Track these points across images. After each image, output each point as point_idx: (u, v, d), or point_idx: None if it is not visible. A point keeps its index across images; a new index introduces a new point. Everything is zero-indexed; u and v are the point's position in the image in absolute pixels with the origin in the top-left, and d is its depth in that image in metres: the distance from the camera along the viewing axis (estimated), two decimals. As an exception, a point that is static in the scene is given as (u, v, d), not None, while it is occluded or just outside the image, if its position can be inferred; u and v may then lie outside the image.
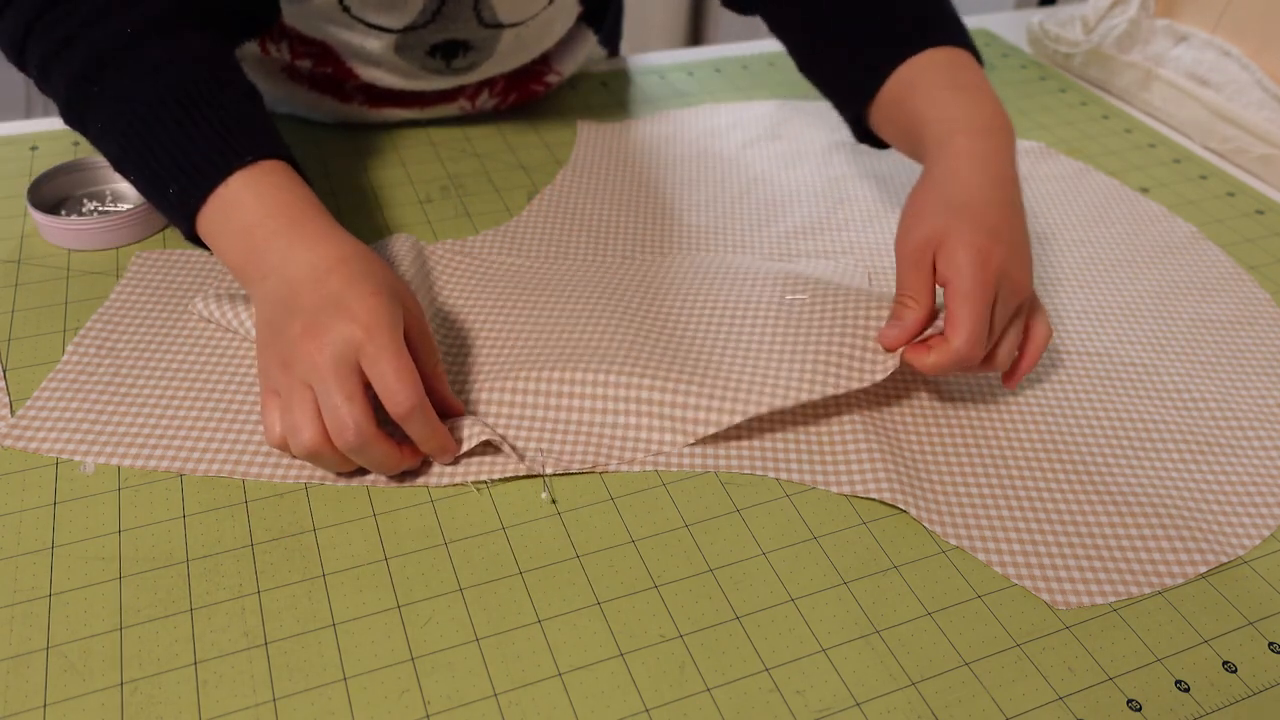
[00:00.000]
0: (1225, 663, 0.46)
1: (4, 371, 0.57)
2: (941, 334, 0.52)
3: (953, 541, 0.50)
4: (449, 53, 0.74)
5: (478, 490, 0.51)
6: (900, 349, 0.54)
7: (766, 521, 0.51)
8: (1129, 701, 0.44)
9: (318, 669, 0.43)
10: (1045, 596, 0.48)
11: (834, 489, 0.52)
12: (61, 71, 0.55)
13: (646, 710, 0.42)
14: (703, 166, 0.79)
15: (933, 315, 0.53)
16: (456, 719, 0.42)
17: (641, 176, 0.77)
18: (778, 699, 0.43)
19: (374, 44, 0.72)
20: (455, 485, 0.51)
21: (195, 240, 0.55)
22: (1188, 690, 0.44)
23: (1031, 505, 0.52)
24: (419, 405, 0.48)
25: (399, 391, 0.47)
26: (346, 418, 0.47)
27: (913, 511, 0.51)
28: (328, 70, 0.76)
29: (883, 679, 0.44)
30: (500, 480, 0.52)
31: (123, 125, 0.54)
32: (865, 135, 0.68)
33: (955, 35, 0.62)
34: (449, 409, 0.52)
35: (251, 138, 0.54)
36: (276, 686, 0.42)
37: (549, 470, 0.52)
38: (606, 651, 0.44)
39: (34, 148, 0.76)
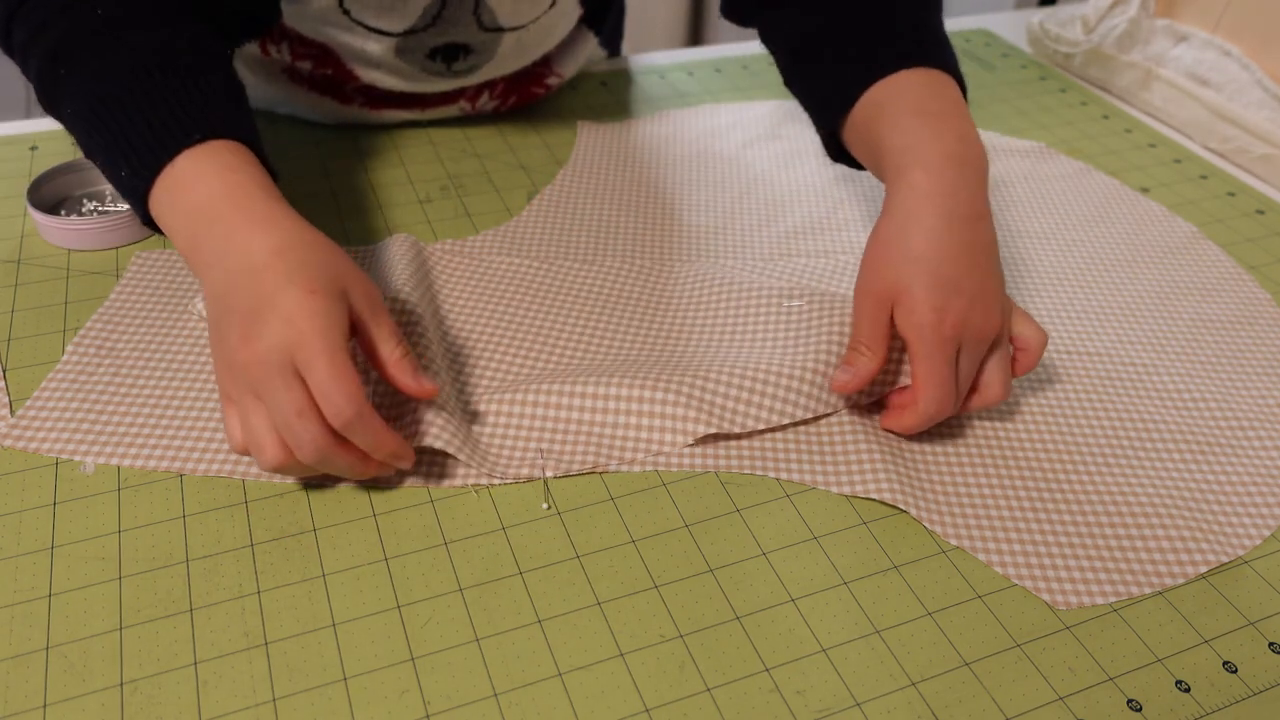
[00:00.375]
0: (1225, 663, 0.46)
1: (4, 371, 0.57)
2: (909, 389, 0.53)
3: (953, 541, 0.50)
4: (449, 56, 0.74)
5: (476, 492, 0.51)
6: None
7: (766, 521, 0.51)
8: (1129, 701, 0.44)
9: (318, 669, 0.43)
10: (1045, 596, 0.48)
11: (834, 489, 0.52)
12: (37, 54, 0.55)
13: (646, 710, 0.42)
14: (703, 166, 0.79)
15: (884, 363, 0.54)
16: (456, 719, 0.42)
17: (642, 177, 0.77)
18: (778, 699, 0.43)
19: (374, 47, 0.72)
20: (455, 486, 0.51)
21: (154, 226, 0.53)
22: (1188, 690, 0.44)
23: (1031, 505, 0.52)
24: (357, 415, 0.45)
25: (334, 402, 0.44)
26: (301, 434, 0.45)
27: (913, 511, 0.51)
28: (328, 72, 0.76)
29: (883, 679, 0.44)
30: (500, 482, 0.52)
31: (87, 108, 0.53)
32: (840, 155, 0.66)
33: (935, 57, 0.60)
34: (415, 394, 0.49)
35: (205, 117, 0.52)
36: (276, 686, 0.42)
37: (549, 473, 0.52)
38: (606, 651, 0.44)
39: (34, 148, 0.76)
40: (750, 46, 1.00)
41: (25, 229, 0.68)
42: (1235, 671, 0.45)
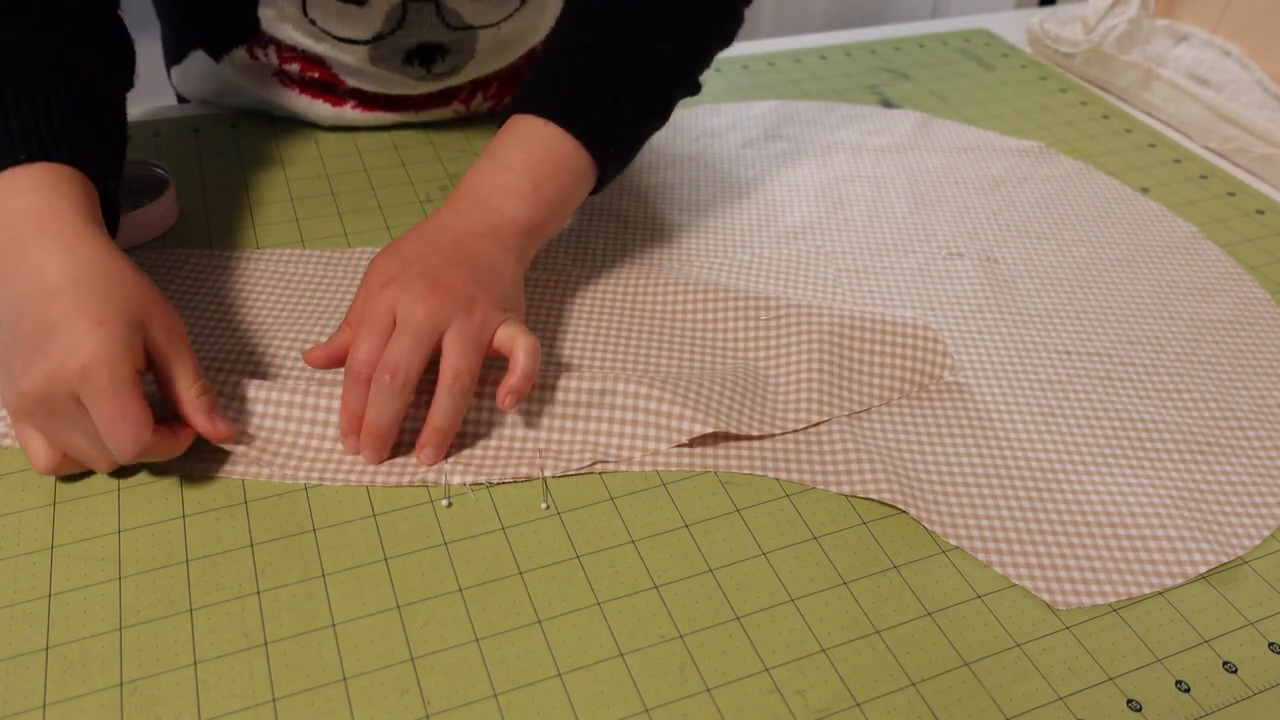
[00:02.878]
0: (1225, 663, 0.46)
1: (4, 371, 0.57)
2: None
3: (953, 541, 0.50)
4: (426, 58, 0.74)
5: (474, 492, 0.51)
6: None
7: (766, 521, 0.51)
8: (1129, 701, 0.44)
9: (317, 669, 0.43)
10: (1045, 596, 0.48)
11: (834, 489, 0.52)
12: None
13: (646, 710, 0.42)
14: (702, 167, 0.79)
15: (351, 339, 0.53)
16: (456, 719, 0.42)
17: (640, 177, 0.77)
18: (778, 699, 0.43)
19: (348, 57, 0.72)
20: (454, 487, 0.51)
21: None
22: (1188, 690, 0.44)
23: (1031, 505, 0.52)
24: (143, 450, 0.46)
25: (117, 443, 0.45)
26: (99, 460, 0.48)
27: (912, 512, 0.51)
28: (315, 75, 0.76)
29: (883, 679, 0.44)
30: (499, 481, 0.52)
31: None
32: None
33: (552, 105, 0.59)
34: (209, 435, 0.49)
35: (36, 137, 0.50)
36: (276, 687, 0.42)
37: (548, 472, 0.52)
38: (606, 652, 0.44)
39: (34, 148, 0.76)
40: (750, 46, 1.00)
41: (25, 229, 0.68)
42: (1235, 671, 0.45)
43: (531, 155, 0.59)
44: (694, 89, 0.66)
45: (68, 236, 0.48)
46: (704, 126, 0.85)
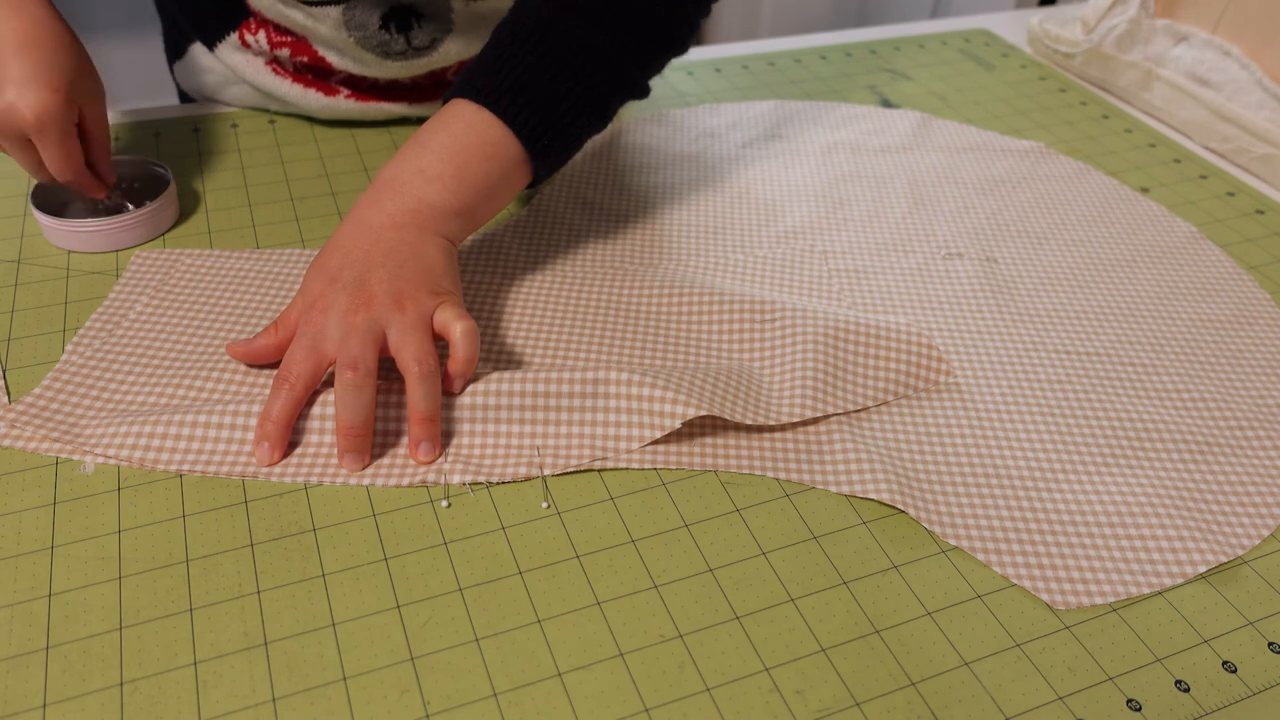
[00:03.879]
0: (1225, 663, 0.46)
1: (4, 371, 0.57)
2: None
3: (952, 541, 0.50)
4: (402, 24, 0.73)
5: (473, 492, 0.51)
6: None
7: (766, 521, 0.51)
8: (1129, 701, 0.44)
9: (317, 669, 0.43)
10: (1045, 596, 0.48)
11: (834, 489, 0.52)
12: None
13: (646, 710, 0.42)
14: (702, 166, 0.79)
15: (285, 342, 0.55)
16: (456, 719, 0.42)
17: (640, 176, 0.77)
18: (778, 699, 0.43)
19: (323, 27, 0.72)
20: (453, 487, 0.51)
21: None
22: (1188, 690, 0.44)
23: (1031, 505, 0.52)
24: (72, 183, 0.64)
25: (59, 174, 0.62)
26: (36, 171, 0.63)
27: (911, 512, 0.51)
28: (305, 59, 0.76)
29: (883, 679, 0.44)
30: (499, 481, 0.52)
31: None
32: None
33: (487, 90, 0.60)
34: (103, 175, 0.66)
35: None
36: (276, 686, 0.42)
37: (546, 471, 0.52)
38: (606, 651, 0.44)
39: (34, 148, 0.76)
40: (750, 46, 1.00)
41: (26, 229, 0.68)
42: (1235, 671, 0.45)
43: (457, 139, 0.59)
44: (639, 93, 0.66)
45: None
46: (704, 126, 0.85)
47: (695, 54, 0.98)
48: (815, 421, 0.56)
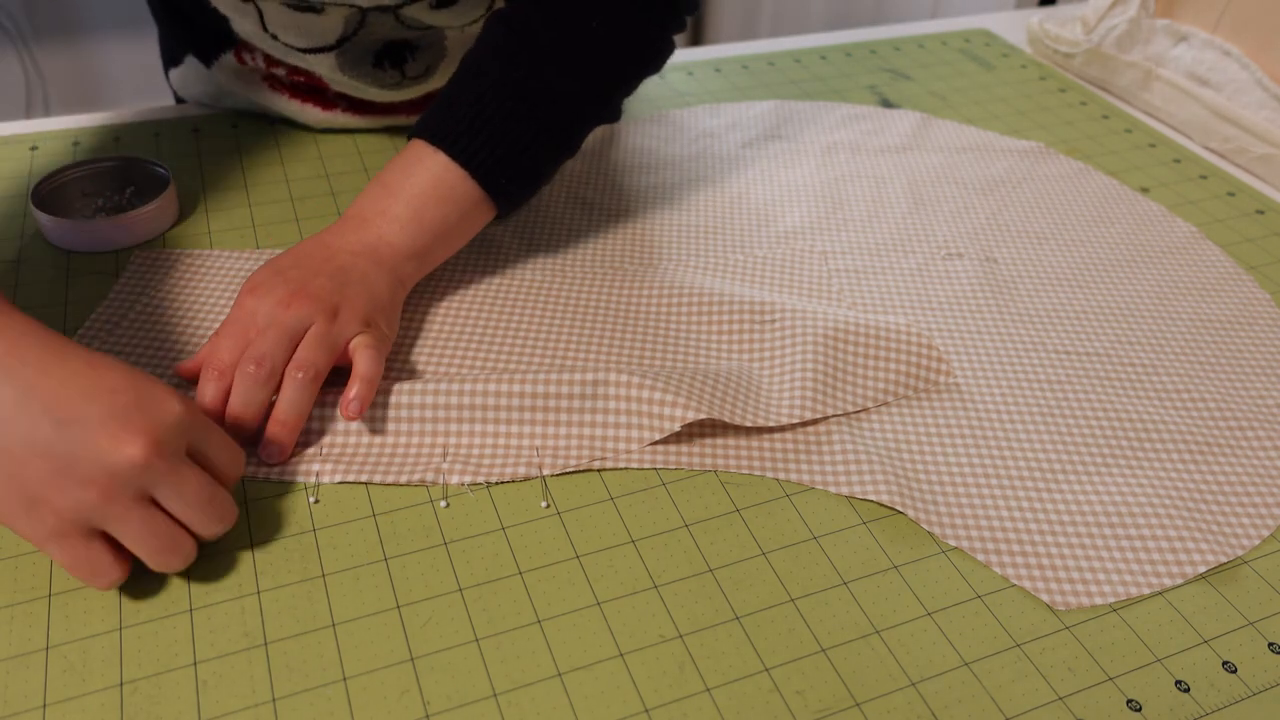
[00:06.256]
0: (1225, 663, 0.46)
1: (4, 372, 0.57)
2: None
3: (952, 542, 0.50)
4: (396, 59, 0.73)
5: (473, 492, 0.51)
6: None
7: (766, 521, 0.51)
8: (1129, 701, 0.44)
9: (317, 669, 0.43)
10: (1045, 597, 0.48)
11: (834, 489, 0.52)
12: None
13: (646, 710, 0.42)
14: (701, 166, 0.79)
15: (235, 344, 0.53)
16: (456, 719, 0.42)
17: (640, 177, 0.77)
18: (778, 699, 0.43)
19: (318, 67, 0.72)
20: (453, 486, 0.51)
21: None
22: (1188, 690, 0.44)
23: (1031, 505, 0.52)
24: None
25: (233, 472, 0.47)
26: (182, 537, 0.44)
27: (911, 513, 0.51)
28: (302, 79, 0.76)
29: (882, 679, 0.44)
30: (499, 481, 0.52)
31: None
32: None
33: (442, 132, 0.60)
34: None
35: None
36: (276, 686, 0.42)
37: (545, 470, 0.52)
38: (606, 651, 0.44)
39: (34, 148, 0.76)
40: (750, 46, 1.00)
41: (26, 229, 0.68)
42: (1235, 671, 0.45)
43: (415, 182, 0.59)
44: (609, 117, 0.66)
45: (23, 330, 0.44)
46: (703, 126, 0.85)
47: (695, 54, 0.98)
48: (815, 422, 0.56)
